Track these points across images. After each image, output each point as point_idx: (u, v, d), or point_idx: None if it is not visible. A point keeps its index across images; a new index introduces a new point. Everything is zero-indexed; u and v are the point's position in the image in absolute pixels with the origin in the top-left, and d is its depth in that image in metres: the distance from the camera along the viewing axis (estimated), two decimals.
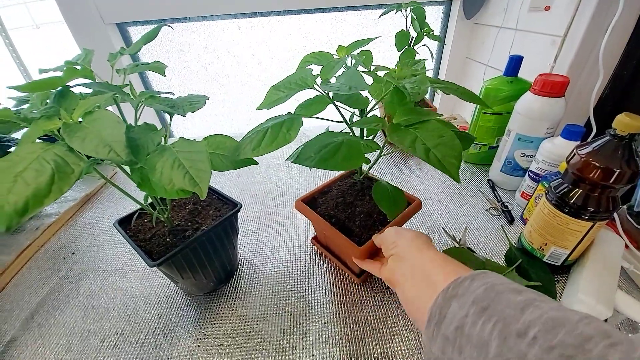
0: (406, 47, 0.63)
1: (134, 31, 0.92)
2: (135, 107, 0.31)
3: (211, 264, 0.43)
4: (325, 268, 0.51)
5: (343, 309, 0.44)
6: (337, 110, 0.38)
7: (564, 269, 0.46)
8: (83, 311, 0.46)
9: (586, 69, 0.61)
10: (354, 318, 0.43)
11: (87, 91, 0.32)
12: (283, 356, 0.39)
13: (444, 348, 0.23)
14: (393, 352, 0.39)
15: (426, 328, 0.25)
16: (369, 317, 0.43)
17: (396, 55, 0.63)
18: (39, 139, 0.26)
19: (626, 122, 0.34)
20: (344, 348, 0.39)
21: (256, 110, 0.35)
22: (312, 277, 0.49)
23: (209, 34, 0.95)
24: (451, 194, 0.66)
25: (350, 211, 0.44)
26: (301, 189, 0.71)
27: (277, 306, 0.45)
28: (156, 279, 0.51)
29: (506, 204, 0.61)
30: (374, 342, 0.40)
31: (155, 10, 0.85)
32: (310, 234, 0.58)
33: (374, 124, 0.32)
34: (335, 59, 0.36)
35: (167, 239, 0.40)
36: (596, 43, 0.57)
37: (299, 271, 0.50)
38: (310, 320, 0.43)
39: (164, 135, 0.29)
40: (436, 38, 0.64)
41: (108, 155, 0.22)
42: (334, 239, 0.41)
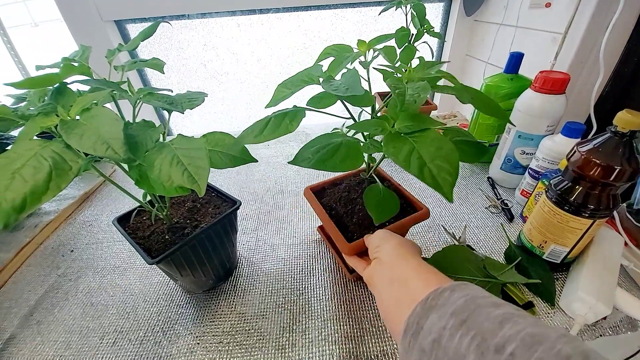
0: (406, 44, 0.62)
1: (132, 29, 0.91)
2: (134, 104, 0.31)
3: (210, 261, 0.43)
4: (325, 266, 0.51)
5: (343, 306, 0.44)
6: (345, 107, 0.38)
7: (563, 267, 0.46)
8: (82, 309, 0.46)
9: (587, 66, 0.61)
10: (353, 316, 0.43)
11: (85, 88, 0.32)
12: (282, 354, 0.39)
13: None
14: (393, 350, 0.39)
15: (402, 338, 0.24)
16: (368, 315, 0.43)
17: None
18: (37, 136, 0.26)
19: (627, 119, 0.34)
20: (343, 346, 0.39)
21: (265, 108, 0.35)
22: (311, 274, 0.49)
23: (208, 31, 0.94)
24: None
25: (350, 207, 0.44)
26: (300, 186, 0.71)
27: (276, 304, 0.45)
28: (155, 277, 0.51)
29: (506, 201, 0.61)
30: (373, 340, 0.40)
31: (153, 8, 0.84)
32: (310, 232, 0.58)
33: (374, 128, 0.32)
34: (345, 55, 0.36)
35: (166, 237, 0.40)
36: (597, 40, 0.56)
37: (298, 269, 0.50)
38: (310, 318, 0.43)
39: (162, 132, 0.29)
40: (436, 35, 0.63)
41: (106, 152, 0.22)
42: (329, 231, 0.42)
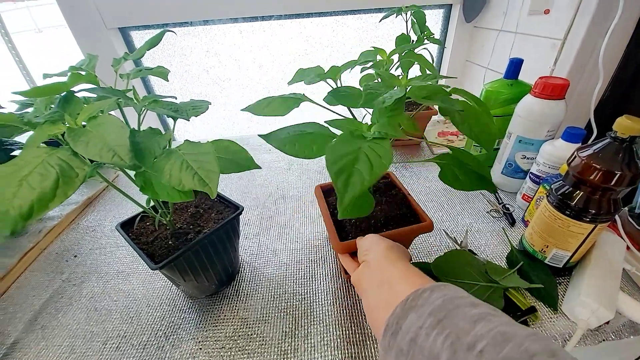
0: (407, 51, 0.63)
1: (136, 35, 0.93)
2: (139, 111, 0.32)
3: (213, 266, 0.44)
4: (327, 270, 0.51)
5: (345, 311, 0.44)
6: (348, 108, 0.39)
7: (565, 271, 0.46)
8: (86, 313, 0.47)
9: (586, 71, 0.61)
10: (356, 321, 0.43)
11: (90, 96, 0.32)
12: (285, 359, 0.39)
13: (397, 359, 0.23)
14: None
15: (382, 339, 0.25)
16: None
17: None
18: (43, 144, 0.27)
19: (627, 125, 0.34)
20: (345, 351, 0.39)
21: (288, 84, 0.40)
22: (313, 279, 0.49)
23: (210, 37, 0.96)
24: (452, 196, 0.66)
25: None
26: (302, 192, 0.71)
27: (278, 309, 0.45)
28: (158, 282, 0.51)
29: (507, 206, 0.61)
30: (375, 345, 0.40)
31: (157, 15, 0.86)
32: (312, 237, 0.58)
33: (347, 127, 0.32)
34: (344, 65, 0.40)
35: (170, 242, 0.40)
36: (596, 46, 0.57)
37: (300, 274, 0.51)
38: (312, 323, 0.43)
39: (169, 139, 0.29)
40: (436, 41, 0.64)
41: (112, 159, 0.22)
42: (326, 228, 0.42)
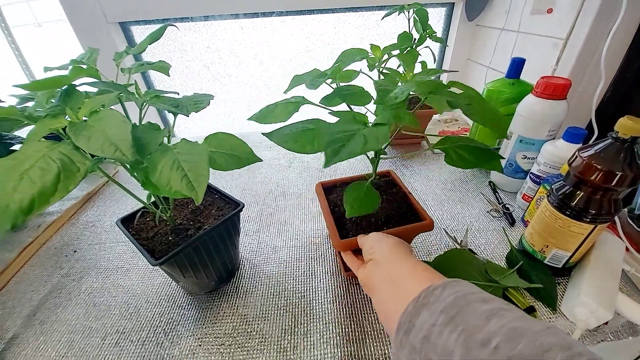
0: (409, 48, 0.63)
1: (136, 30, 0.92)
2: (140, 106, 0.31)
3: (213, 263, 0.43)
4: (327, 268, 0.51)
5: (345, 309, 0.44)
6: (348, 106, 0.39)
7: (565, 272, 0.46)
8: (85, 309, 0.47)
9: (588, 71, 0.61)
10: (355, 319, 0.43)
11: (91, 90, 0.32)
12: (284, 356, 0.39)
13: (410, 357, 0.23)
14: None
15: (395, 336, 0.24)
16: (370, 318, 0.43)
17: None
18: (43, 138, 0.26)
19: (628, 125, 0.34)
20: (345, 349, 0.39)
21: (284, 93, 0.40)
22: (313, 277, 0.49)
23: (211, 33, 0.95)
24: (452, 195, 0.66)
25: None
26: (302, 189, 0.71)
27: (278, 306, 0.45)
28: (157, 278, 0.51)
29: (507, 205, 0.61)
30: (375, 343, 0.40)
31: (157, 10, 0.85)
32: (312, 234, 0.58)
33: (352, 118, 0.33)
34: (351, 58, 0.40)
35: (170, 238, 0.40)
36: (598, 46, 0.57)
37: (300, 271, 0.51)
38: (312, 321, 0.43)
39: (167, 135, 0.29)
40: (438, 40, 0.64)
41: (114, 154, 0.22)
42: (327, 225, 0.42)
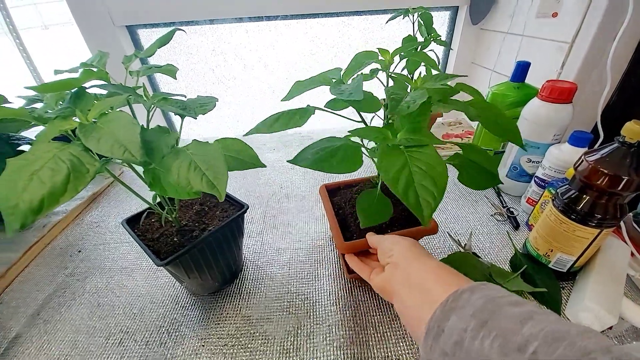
0: (413, 50, 0.63)
1: (143, 34, 0.93)
2: (148, 108, 0.32)
3: (217, 264, 0.44)
4: (330, 271, 0.51)
5: (348, 311, 0.44)
6: (357, 112, 0.39)
7: (569, 276, 0.45)
8: (89, 309, 0.47)
9: (593, 75, 0.61)
10: (358, 321, 0.43)
11: (100, 92, 0.32)
12: (287, 358, 0.39)
13: None
14: (397, 356, 0.39)
15: (424, 341, 0.24)
16: (373, 320, 0.43)
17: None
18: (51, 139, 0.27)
19: (635, 130, 0.34)
20: (348, 351, 0.39)
21: (281, 101, 0.39)
22: (316, 279, 0.49)
23: (217, 37, 0.96)
24: (456, 199, 0.66)
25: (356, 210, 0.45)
26: (306, 191, 0.71)
27: (281, 308, 0.45)
28: (162, 278, 0.51)
29: (511, 209, 0.60)
30: (378, 346, 0.40)
31: (164, 14, 0.86)
32: (315, 237, 0.58)
33: (375, 135, 0.33)
34: (363, 61, 0.39)
35: (175, 239, 0.40)
36: (604, 50, 0.57)
37: (303, 273, 0.51)
38: (315, 323, 0.43)
39: (177, 137, 0.29)
40: (443, 43, 0.64)
41: (123, 155, 0.23)
42: (331, 228, 0.42)
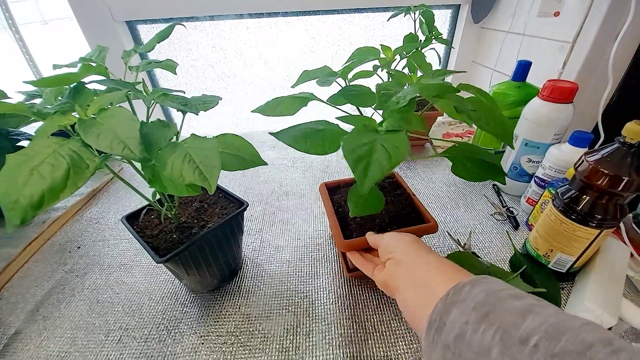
0: (414, 50, 0.63)
1: (142, 29, 0.93)
2: (148, 104, 0.32)
3: (216, 261, 0.44)
4: (330, 269, 0.51)
5: (347, 310, 0.44)
6: (356, 107, 0.39)
7: (569, 276, 0.45)
8: (88, 305, 0.47)
9: (595, 75, 0.61)
10: (357, 320, 0.43)
11: (100, 87, 0.32)
12: (286, 356, 0.39)
13: (443, 356, 0.23)
14: (396, 355, 0.39)
15: (426, 335, 0.24)
16: (372, 319, 0.43)
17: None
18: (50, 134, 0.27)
19: (636, 130, 0.34)
20: (347, 349, 0.39)
21: (291, 87, 0.41)
22: (316, 277, 0.49)
23: (217, 33, 0.96)
24: (456, 198, 0.66)
25: None
26: (305, 189, 0.71)
27: (280, 306, 0.45)
28: (161, 275, 0.51)
29: (511, 209, 0.60)
30: (377, 345, 0.40)
31: (164, 9, 0.86)
32: (315, 235, 0.58)
33: (361, 123, 0.33)
34: (357, 60, 0.40)
35: (174, 236, 0.40)
36: (605, 50, 0.56)
37: (303, 271, 0.51)
38: (314, 321, 0.43)
39: (176, 132, 0.29)
40: (444, 41, 0.64)
41: (122, 151, 0.22)
42: (330, 226, 0.42)
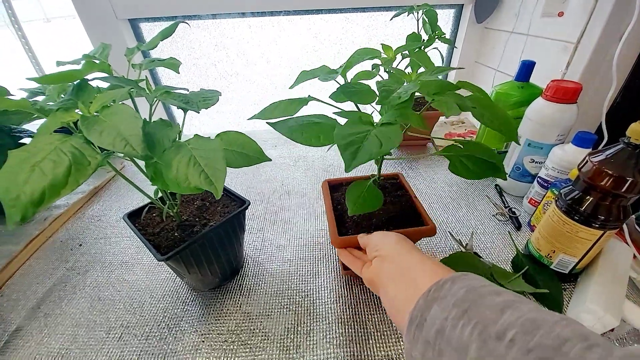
0: (417, 49, 0.63)
1: (145, 27, 0.93)
2: (151, 102, 0.32)
3: (218, 260, 0.44)
4: (331, 268, 0.51)
5: (348, 309, 0.44)
6: (356, 106, 0.39)
7: (571, 277, 0.45)
8: (89, 303, 0.47)
9: (599, 75, 0.60)
10: (358, 319, 0.43)
11: (102, 85, 0.32)
12: (287, 355, 0.39)
13: (424, 352, 0.23)
14: (397, 355, 0.38)
15: (407, 331, 0.24)
16: (373, 319, 0.43)
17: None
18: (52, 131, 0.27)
19: None
20: (347, 349, 0.39)
21: (289, 88, 0.41)
22: (317, 276, 0.49)
23: (219, 32, 0.95)
24: (457, 198, 0.66)
25: None
26: (307, 188, 0.71)
27: (281, 304, 0.45)
28: (162, 273, 0.51)
29: (513, 210, 0.60)
30: (377, 344, 0.40)
31: (167, 7, 0.86)
32: (315, 234, 0.58)
33: (358, 117, 0.33)
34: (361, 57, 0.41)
35: (176, 234, 0.40)
36: (609, 50, 0.56)
37: (303, 270, 0.51)
38: (315, 320, 0.43)
39: (179, 131, 0.29)
40: (447, 41, 0.64)
41: (124, 149, 0.22)
42: (328, 222, 0.43)
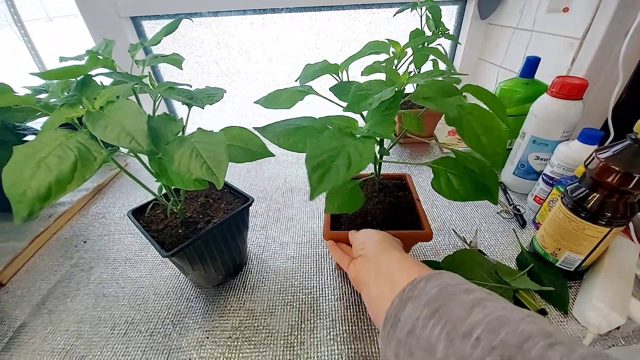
0: (420, 46, 0.62)
1: (147, 25, 0.93)
2: (155, 98, 0.31)
3: (221, 256, 0.44)
4: (334, 266, 0.50)
5: (351, 307, 0.44)
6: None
7: (577, 275, 0.45)
8: (94, 299, 0.47)
9: (604, 72, 0.60)
10: (362, 317, 0.43)
11: (105, 81, 0.32)
12: (291, 352, 0.39)
13: (397, 352, 0.22)
14: None
15: (382, 330, 0.24)
16: None
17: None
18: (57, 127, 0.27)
19: None
20: (351, 346, 0.39)
21: (295, 81, 0.40)
22: (320, 274, 0.49)
23: (221, 29, 0.95)
24: None
25: None
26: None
27: (285, 301, 0.45)
28: (166, 270, 0.51)
29: (518, 207, 0.60)
30: None
31: (169, 5, 0.85)
32: (318, 231, 0.58)
33: (343, 124, 0.33)
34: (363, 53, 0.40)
35: (179, 231, 0.40)
36: (615, 46, 0.55)
37: (307, 267, 0.50)
38: (318, 317, 0.43)
39: (182, 126, 0.29)
40: (451, 37, 0.63)
41: (129, 144, 0.22)
42: (324, 218, 0.43)
